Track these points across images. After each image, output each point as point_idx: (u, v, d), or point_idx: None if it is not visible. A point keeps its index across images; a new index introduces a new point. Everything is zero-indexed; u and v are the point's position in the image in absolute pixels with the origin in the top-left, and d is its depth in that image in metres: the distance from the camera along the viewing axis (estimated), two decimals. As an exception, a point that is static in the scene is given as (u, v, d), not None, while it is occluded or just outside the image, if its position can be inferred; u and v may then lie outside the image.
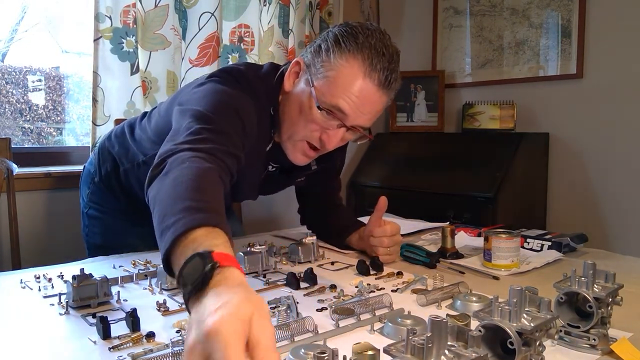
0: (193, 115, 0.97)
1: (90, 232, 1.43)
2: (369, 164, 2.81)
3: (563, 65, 2.46)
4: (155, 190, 0.80)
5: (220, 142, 0.93)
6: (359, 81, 1.03)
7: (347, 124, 1.07)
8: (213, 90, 1.06)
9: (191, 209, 0.70)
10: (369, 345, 0.59)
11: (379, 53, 1.03)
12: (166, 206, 0.74)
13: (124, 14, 1.88)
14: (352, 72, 1.03)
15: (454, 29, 2.87)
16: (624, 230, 2.31)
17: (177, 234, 0.67)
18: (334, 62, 1.04)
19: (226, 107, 1.02)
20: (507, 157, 2.32)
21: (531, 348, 0.61)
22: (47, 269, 1.08)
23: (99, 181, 1.39)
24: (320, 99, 1.06)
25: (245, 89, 1.09)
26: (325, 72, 1.06)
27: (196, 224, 0.67)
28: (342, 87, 1.04)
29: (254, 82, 1.12)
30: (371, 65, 1.03)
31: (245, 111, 1.05)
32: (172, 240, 0.67)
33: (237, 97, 1.06)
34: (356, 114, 1.06)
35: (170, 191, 0.76)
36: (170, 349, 0.67)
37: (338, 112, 1.06)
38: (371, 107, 1.07)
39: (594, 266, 0.72)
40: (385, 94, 1.07)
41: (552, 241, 1.27)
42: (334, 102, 1.05)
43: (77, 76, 2.21)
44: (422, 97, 2.86)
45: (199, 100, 1.03)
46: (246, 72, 1.13)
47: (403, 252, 1.22)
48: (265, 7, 2.32)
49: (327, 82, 1.05)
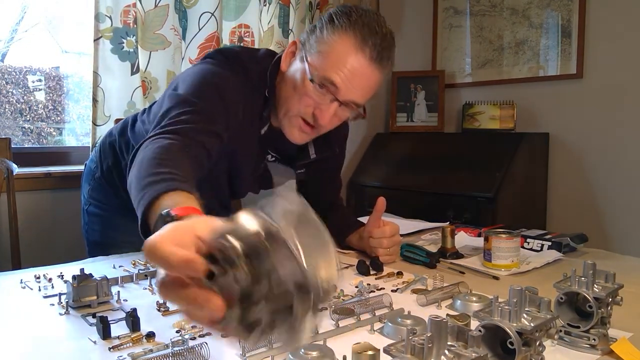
0: (174, 99, 1.05)
1: (89, 229, 1.44)
2: (369, 164, 2.81)
3: (563, 65, 2.46)
4: (128, 178, 0.86)
5: (194, 121, 0.99)
6: (350, 55, 1.06)
7: (339, 98, 1.09)
8: (200, 71, 1.12)
9: (149, 184, 0.76)
10: (369, 345, 0.59)
11: (371, 30, 1.06)
12: (132, 190, 0.81)
13: (124, 13, 1.88)
14: (343, 47, 1.06)
15: (454, 29, 2.87)
16: (624, 230, 2.31)
17: (143, 209, 0.73)
18: (327, 38, 1.08)
19: (209, 87, 1.08)
20: (507, 157, 2.32)
21: (531, 348, 0.61)
22: (47, 269, 1.07)
23: (100, 177, 1.40)
24: (312, 73, 1.08)
25: (236, 69, 1.14)
26: (318, 47, 1.09)
27: (155, 195, 0.73)
28: (334, 61, 1.06)
29: (247, 63, 1.16)
30: (363, 40, 1.05)
31: (230, 90, 1.09)
32: (142, 216, 0.73)
33: (224, 77, 1.11)
34: (348, 87, 1.07)
35: (134, 175, 0.83)
36: (170, 349, 0.67)
37: (330, 86, 1.08)
38: (363, 82, 1.09)
39: (594, 266, 0.72)
40: (377, 69, 1.08)
41: (552, 241, 1.27)
42: (326, 75, 1.07)
43: (77, 76, 2.21)
44: (422, 97, 2.86)
45: (184, 82, 1.10)
46: (240, 53, 1.18)
47: (403, 252, 1.22)
48: (265, 7, 2.32)
49: (320, 56, 1.08)
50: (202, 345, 0.66)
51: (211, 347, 0.67)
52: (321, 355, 0.61)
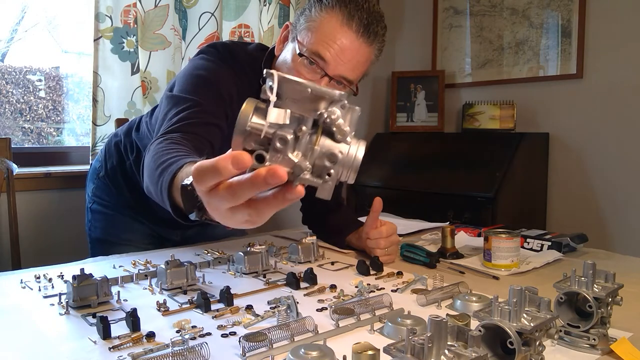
0: (170, 100, 1.10)
1: (92, 227, 1.47)
2: (369, 164, 2.81)
3: (563, 65, 2.46)
4: (144, 184, 0.91)
5: (191, 116, 1.04)
6: (337, 29, 1.09)
7: (329, 73, 1.11)
8: (193, 67, 1.18)
9: (160, 174, 0.80)
10: (369, 345, 0.59)
11: (357, 5, 1.10)
12: (151, 192, 0.86)
13: (124, 13, 1.88)
14: (330, 22, 1.10)
15: (454, 29, 2.87)
16: (624, 230, 2.31)
17: (167, 196, 0.76)
18: (315, 16, 1.12)
19: (203, 81, 1.13)
20: (507, 157, 2.32)
21: (531, 348, 0.61)
22: (47, 269, 1.07)
23: (104, 175, 1.43)
24: (302, 49, 1.12)
25: (228, 61, 1.19)
26: (307, 25, 1.12)
27: (169, 179, 0.76)
28: (322, 35, 1.10)
29: (239, 54, 1.21)
30: (349, 15, 1.09)
31: (223, 82, 1.14)
32: (170, 202, 0.76)
33: (216, 70, 1.16)
34: (336, 61, 1.10)
35: (147, 175, 0.88)
36: (170, 349, 0.67)
37: (320, 60, 1.10)
38: (351, 56, 1.11)
39: (594, 266, 0.72)
40: (365, 43, 1.11)
41: (552, 241, 1.27)
42: (314, 49, 1.10)
43: (77, 76, 2.21)
44: (422, 97, 2.86)
45: (179, 82, 1.15)
46: (231, 46, 1.23)
47: (403, 252, 1.22)
48: (265, 7, 2.32)
49: (309, 33, 1.12)
50: (202, 345, 0.66)
51: (211, 347, 0.67)
52: (321, 355, 0.61)
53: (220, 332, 0.76)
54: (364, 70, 1.16)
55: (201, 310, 0.84)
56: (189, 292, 0.94)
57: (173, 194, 0.75)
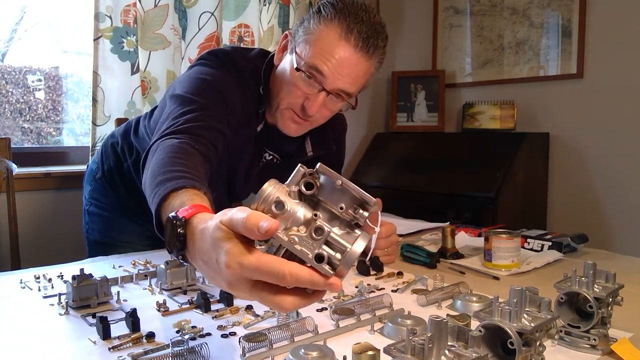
0: (175, 100, 1.08)
1: (90, 229, 1.46)
2: (369, 164, 2.81)
3: (563, 65, 2.46)
4: (143, 180, 0.89)
5: (198, 119, 1.03)
6: (336, 43, 1.06)
7: (326, 87, 1.09)
8: (196, 72, 1.16)
9: (160, 182, 0.78)
10: (369, 346, 0.58)
11: (358, 18, 1.07)
12: (146, 190, 0.83)
13: (124, 13, 1.88)
14: (329, 35, 1.07)
15: (454, 29, 2.87)
16: (624, 230, 2.30)
17: (155, 208, 0.74)
18: (313, 28, 1.09)
19: (207, 85, 1.11)
20: (507, 157, 2.32)
21: (531, 348, 0.61)
22: (47, 269, 1.07)
23: (101, 177, 1.42)
24: (299, 62, 1.10)
25: (229, 68, 1.17)
26: (305, 37, 1.10)
27: (165, 193, 0.74)
28: (320, 49, 1.07)
29: (240, 62, 1.19)
30: (348, 28, 1.06)
31: (226, 88, 1.12)
32: (155, 215, 0.73)
33: (218, 76, 1.14)
34: (334, 75, 1.08)
35: (147, 176, 0.86)
36: (170, 349, 0.67)
37: (317, 75, 1.08)
38: (349, 70, 1.08)
39: (595, 266, 0.72)
40: (363, 57, 1.08)
41: (553, 241, 1.27)
42: (312, 62, 1.08)
43: (76, 76, 2.21)
44: (422, 97, 2.86)
45: (182, 84, 1.13)
46: (232, 53, 1.21)
47: (403, 252, 1.22)
48: (265, 6, 2.32)
49: (307, 45, 1.09)
50: (202, 345, 0.66)
51: (211, 347, 0.67)
52: (321, 355, 0.61)
53: (220, 333, 0.76)
54: (364, 83, 1.14)
55: (201, 311, 0.84)
56: (188, 292, 0.94)
57: (161, 209, 0.73)
